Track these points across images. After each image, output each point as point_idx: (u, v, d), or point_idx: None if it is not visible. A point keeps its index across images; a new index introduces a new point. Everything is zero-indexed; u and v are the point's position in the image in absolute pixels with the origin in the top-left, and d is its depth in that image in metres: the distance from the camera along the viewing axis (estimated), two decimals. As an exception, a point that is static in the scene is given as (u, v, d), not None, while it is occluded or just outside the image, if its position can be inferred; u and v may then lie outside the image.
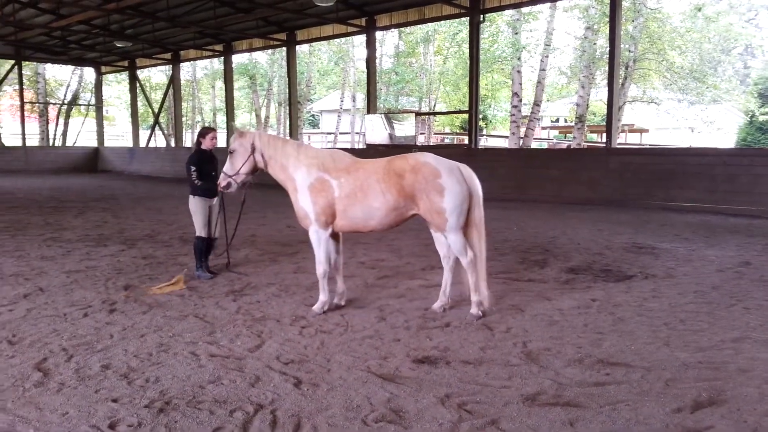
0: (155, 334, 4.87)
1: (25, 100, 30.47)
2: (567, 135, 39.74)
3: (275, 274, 7.15)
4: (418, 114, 21.67)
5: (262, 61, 38.36)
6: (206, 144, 6.87)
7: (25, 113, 30.41)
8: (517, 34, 24.16)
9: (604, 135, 16.81)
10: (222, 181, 5.69)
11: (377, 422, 3.35)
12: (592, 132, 38.56)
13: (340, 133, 39.05)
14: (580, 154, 17.90)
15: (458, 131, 40.90)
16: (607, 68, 16.56)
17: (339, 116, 37.67)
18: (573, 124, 26.37)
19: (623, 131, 33.14)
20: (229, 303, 5.81)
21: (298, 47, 23.85)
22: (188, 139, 40.96)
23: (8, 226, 10.83)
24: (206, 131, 6.93)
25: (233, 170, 5.59)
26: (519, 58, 24.15)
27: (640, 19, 22.56)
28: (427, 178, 5.17)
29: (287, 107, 27.55)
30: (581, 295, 6.07)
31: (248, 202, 6.77)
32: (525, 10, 23.34)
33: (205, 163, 6.82)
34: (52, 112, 36.86)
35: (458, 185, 5.21)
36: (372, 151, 19.99)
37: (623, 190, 14.40)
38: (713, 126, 29.13)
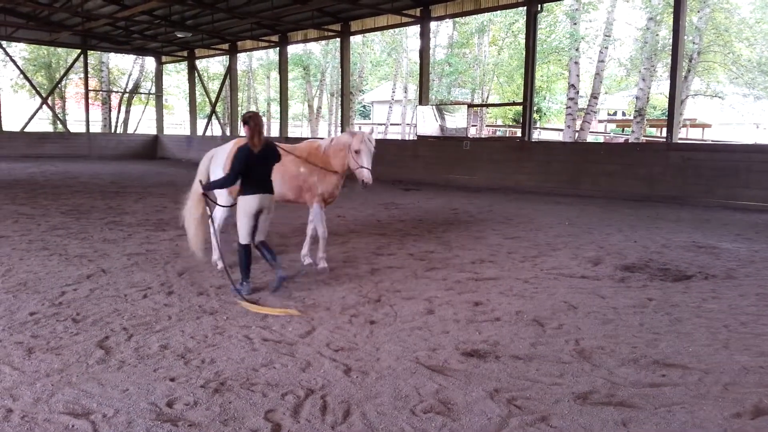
0: (210, 317, 5.02)
1: (89, 88, 31.66)
2: (625, 129, 38.67)
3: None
4: (470, 106, 21.42)
5: (315, 52, 38.69)
6: None
7: (90, 101, 31.61)
8: (575, 24, 23.60)
9: (664, 129, 16.26)
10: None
11: (426, 413, 3.36)
12: (651, 126, 37.35)
13: (391, 124, 39.03)
14: (638, 149, 17.38)
15: (511, 123, 40.31)
16: (669, 60, 15.99)
17: (390, 107, 37.66)
18: (632, 117, 25.60)
19: (684, 126, 31.99)
20: (281, 290, 5.92)
21: (351, 38, 23.93)
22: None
23: (72, 210, 11.30)
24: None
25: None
26: (577, 49, 23.60)
27: (706, 9, 21.69)
28: None
29: (339, 98, 27.74)
30: (637, 294, 5.91)
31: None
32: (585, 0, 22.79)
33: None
34: (115, 100, 38.18)
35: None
36: (422, 143, 19.96)
37: (683, 187, 13.91)
38: (781, 122, 27.79)
